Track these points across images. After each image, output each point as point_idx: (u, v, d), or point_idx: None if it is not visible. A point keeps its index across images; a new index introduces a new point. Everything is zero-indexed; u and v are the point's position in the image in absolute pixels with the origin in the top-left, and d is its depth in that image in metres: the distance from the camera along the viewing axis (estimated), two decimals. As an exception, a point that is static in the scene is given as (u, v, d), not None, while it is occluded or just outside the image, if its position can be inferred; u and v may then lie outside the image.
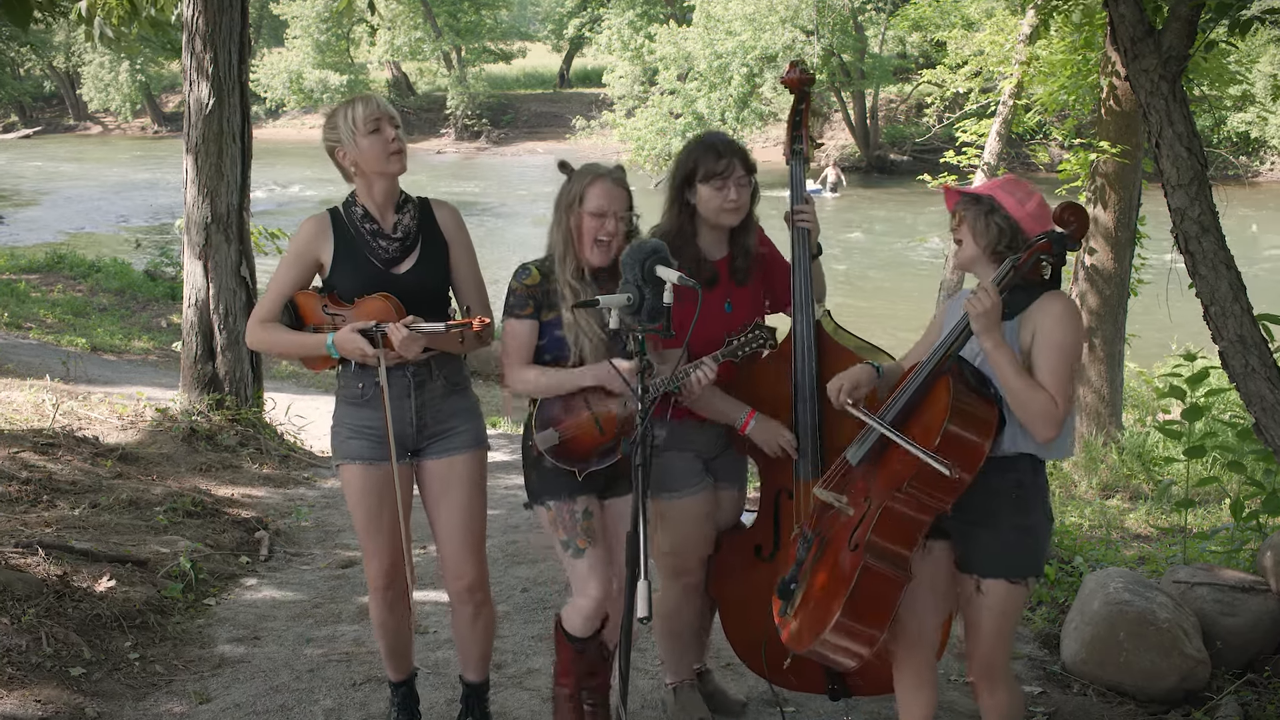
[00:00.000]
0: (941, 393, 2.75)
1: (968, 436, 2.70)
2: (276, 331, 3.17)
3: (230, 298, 6.85)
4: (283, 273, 3.20)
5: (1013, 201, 2.80)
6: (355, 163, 3.12)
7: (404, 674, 3.48)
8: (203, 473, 6.24)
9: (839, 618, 2.74)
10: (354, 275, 3.14)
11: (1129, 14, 3.93)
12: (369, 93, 3.20)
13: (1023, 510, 2.83)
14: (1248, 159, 28.00)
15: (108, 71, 42.52)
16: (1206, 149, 4.12)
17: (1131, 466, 8.66)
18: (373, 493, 3.20)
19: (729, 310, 3.38)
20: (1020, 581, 2.85)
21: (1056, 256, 2.78)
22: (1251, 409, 3.96)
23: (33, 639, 3.81)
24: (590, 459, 3.09)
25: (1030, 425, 2.73)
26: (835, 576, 2.83)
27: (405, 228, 3.18)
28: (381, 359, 3.04)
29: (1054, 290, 2.84)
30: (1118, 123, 8.86)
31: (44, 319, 12.13)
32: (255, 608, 4.62)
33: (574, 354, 3.10)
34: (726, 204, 3.30)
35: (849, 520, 2.86)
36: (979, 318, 2.71)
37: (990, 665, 2.91)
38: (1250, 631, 4.07)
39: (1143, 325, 11.48)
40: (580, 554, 3.10)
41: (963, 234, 2.85)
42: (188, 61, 6.79)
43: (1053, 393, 2.70)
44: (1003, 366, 2.71)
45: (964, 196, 2.86)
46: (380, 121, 3.09)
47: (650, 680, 3.92)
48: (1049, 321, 2.76)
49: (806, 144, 3.45)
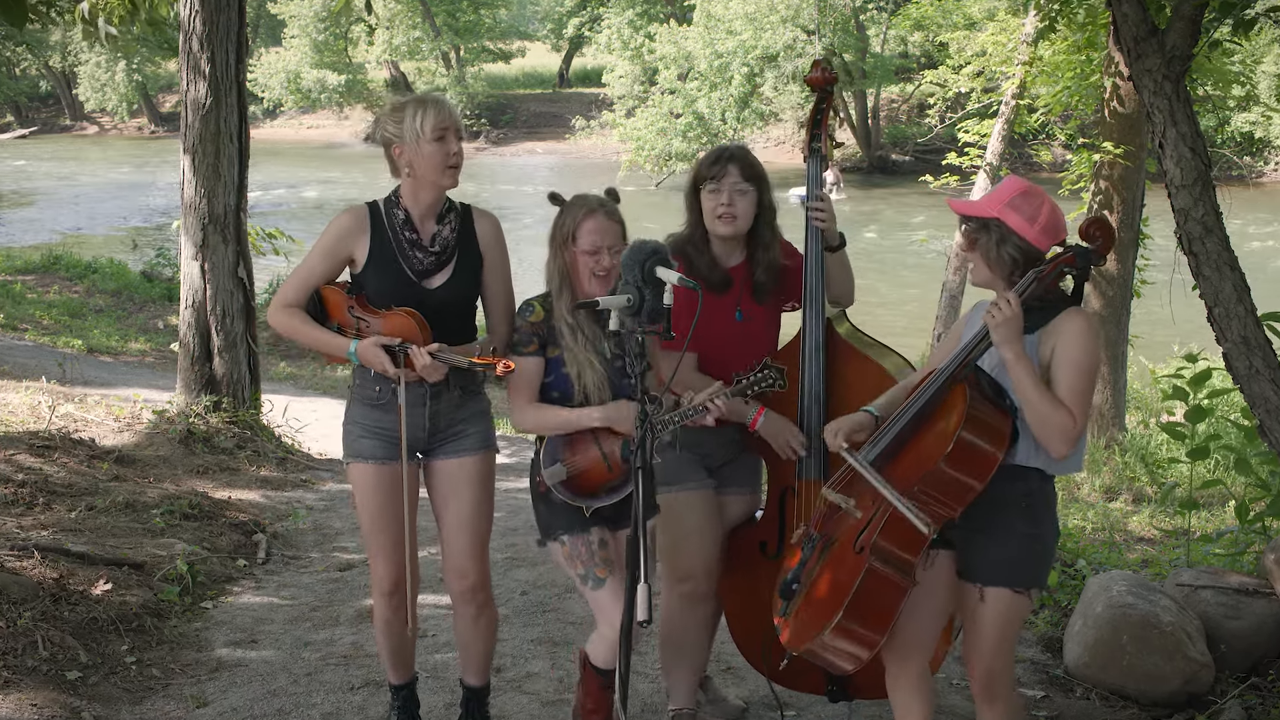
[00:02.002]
0: (958, 400, 2.73)
1: (981, 445, 2.68)
2: (300, 320, 3.15)
3: (228, 299, 6.82)
4: (313, 262, 3.18)
5: (1021, 221, 2.73)
6: (411, 164, 3.09)
7: (405, 677, 3.46)
8: (200, 475, 6.22)
9: (840, 620, 2.72)
10: (385, 281, 3.13)
11: (1132, 13, 3.91)
12: (442, 97, 3.18)
13: (1030, 520, 2.81)
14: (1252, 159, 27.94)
15: (104, 71, 42.41)
16: (1210, 149, 4.11)
17: (1135, 469, 8.64)
18: (381, 492, 3.19)
19: (740, 319, 3.36)
20: (1023, 591, 2.82)
21: (1080, 270, 2.76)
22: (1256, 411, 3.95)
23: (28, 642, 3.79)
24: (598, 495, 3.07)
25: (1046, 440, 2.70)
26: (839, 578, 2.81)
27: (444, 240, 3.16)
28: (402, 379, 3.04)
29: (1075, 307, 2.81)
30: (1121, 123, 8.84)
31: (40, 320, 12.10)
32: (253, 611, 4.60)
33: (577, 389, 3.07)
34: (718, 209, 3.29)
35: (856, 523, 2.83)
36: (999, 328, 2.68)
37: (991, 676, 2.88)
38: (1254, 635, 4.05)
39: (1146, 327, 11.45)
40: (600, 584, 3.07)
41: (974, 258, 2.82)
42: (185, 61, 6.77)
43: (1071, 409, 2.68)
44: (1023, 379, 2.68)
45: (972, 220, 2.79)
46: (447, 132, 3.07)
47: (650, 684, 3.90)
48: (1070, 338, 2.73)
49: (826, 143, 3.44)
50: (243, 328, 6.89)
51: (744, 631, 3.59)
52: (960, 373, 2.77)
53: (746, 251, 3.40)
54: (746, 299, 3.38)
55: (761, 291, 3.39)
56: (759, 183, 3.34)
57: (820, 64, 3.45)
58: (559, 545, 3.11)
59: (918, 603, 2.84)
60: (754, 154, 3.45)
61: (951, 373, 2.77)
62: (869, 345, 3.45)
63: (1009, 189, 2.81)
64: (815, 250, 3.35)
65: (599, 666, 3.14)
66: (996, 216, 2.75)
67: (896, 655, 2.93)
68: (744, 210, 3.31)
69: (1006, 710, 2.91)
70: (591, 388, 3.06)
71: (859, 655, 2.77)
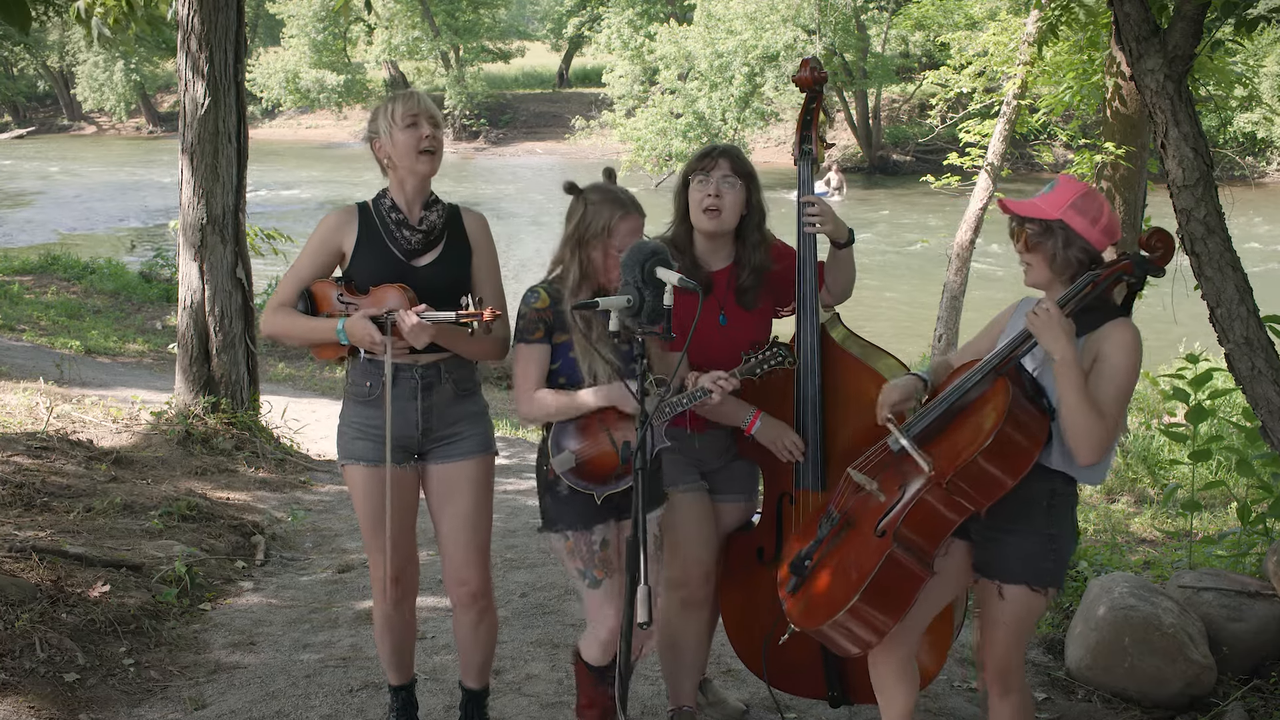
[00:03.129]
0: (1000, 394, 2.72)
1: (1020, 441, 2.68)
2: (290, 317, 3.16)
3: (226, 300, 6.80)
4: (302, 261, 3.21)
5: (1085, 223, 2.72)
6: (389, 156, 3.14)
7: (405, 678, 3.45)
8: (198, 476, 6.20)
9: (857, 601, 2.72)
10: (374, 262, 3.14)
11: (1134, 13, 3.90)
12: (414, 90, 3.21)
13: (1052, 520, 2.81)
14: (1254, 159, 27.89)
15: (102, 71, 42.35)
16: (1212, 150, 4.09)
17: (1137, 470, 8.62)
18: (378, 493, 3.17)
19: (724, 323, 3.33)
20: (1041, 590, 2.82)
21: (1137, 280, 2.75)
22: (1258, 412, 3.94)
23: (26, 644, 3.78)
24: (608, 481, 3.03)
25: (1079, 447, 2.69)
26: (859, 560, 2.80)
27: (431, 223, 3.19)
28: (388, 345, 3.02)
29: (1125, 317, 2.78)
30: (1123, 123, 8.80)
31: (38, 321, 12.07)
32: (251, 613, 4.59)
33: (587, 377, 3.04)
34: (706, 200, 3.25)
35: (879, 505, 2.83)
36: (1045, 331, 2.66)
37: (1005, 670, 2.90)
38: (1257, 637, 4.05)
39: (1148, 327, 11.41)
40: (597, 584, 3.06)
41: (1033, 260, 2.79)
42: (183, 61, 6.74)
43: (1109, 419, 2.67)
44: (1070, 383, 2.66)
45: (1035, 224, 2.76)
46: (418, 118, 3.11)
47: (650, 685, 3.88)
48: (1116, 350, 2.71)
49: (816, 144, 3.40)
50: (241, 328, 6.87)
51: (743, 638, 3.57)
52: (1004, 367, 2.76)
53: (734, 254, 3.37)
54: (731, 303, 3.34)
55: (746, 296, 3.35)
56: (749, 180, 3.30)
57: (809, 63, 3.40)
58: (562, 539, 3.08)
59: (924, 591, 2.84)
60: (748, 156, 3.43)
61: (996, 366, 2.77)
62: (864, 349, 3.42)
63: (1069, 190, 2.78)
64: (809, 255, 3.31)
65: (590, 663, 3.13)
66: (1060, 219, 2.73)
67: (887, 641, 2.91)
68: (731, 203, 3.26)
69: (1020, 703, 2.93)
70: (602, 375, 3.02)
71: (869, 640, 2.78)
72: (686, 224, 3.34)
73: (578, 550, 3.06)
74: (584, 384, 3.04)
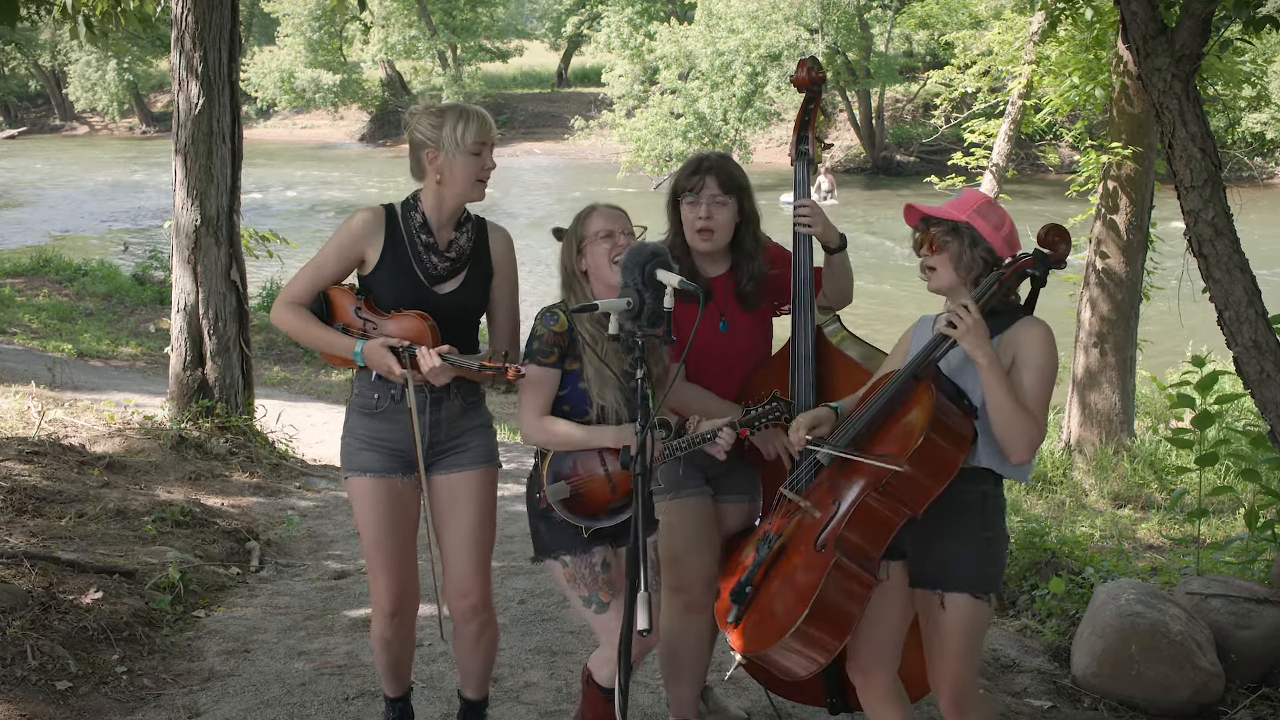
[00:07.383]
0: (923, 398, 2.73)
1: (945, 446, 2.70)
2: (305, 319, 3.08)
3: (220, 302, 6.75)
4: (326, 260, 3.12)
5: (989, 228, 2.80)
6: (442, 172, 3.05)
7: (401, 690, 3.41)
8: (192, 482, 6.15)
9: (803, 621, 2.69)
10: (396, 283, 3.07)
11: (1141, 11, 3.86)
12: (485, 112, 3.13)
13: (985, 523, 2.81)
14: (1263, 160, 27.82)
15: (94, 70, 42.23)
16: (1220, 150, 4.06)
17: (1143, 475, 8.57)
18: (382, 507, 3.12)
19: (724, 329, 3.32)
20: (984, 596, 2.81)
21: (1039, 275, 2.81)
22: (1267, 416, 3.90)
23: (17, 652, 3.75)
24: (599, 516, 2.99)
25: (1010, 445, 2.72)
26: (801, 579, 2.77)
27: (459, 248, 3.12)
28: (410, 380, 2.97)
29: (1031, 315, 2.85)
30: (1130, 123, 8.74)
31: (29, 324, 12.01)
32: (246, 620, 4.54)
33: (595, 407, 3.00)
34: (697, 223, 3.25)
35: (814, 522, 2.81)
36: (966, 335, 2.69)
37: (959, 689, 2.83)
38: (1265, 644, 4.02)
39: (1156, 331, 11.38)
40: (605, 608, 3.02)
41: (939, 262, 2.84)
42: (176, 60, 6.69)
43: (1035, 415, 2.71)
44: (995, 384, 2.69)
45: (942, 224, 2.83)
46: (485, 147, 3.05)
47: (651, 695, 3.85)
48: (1031, 346, 2.77)
49: (813, 146, 3.38)
50: (235, 332, 6.82)
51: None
52: (923, 371, 2.78)
53: (730, 261, 3.36)
54: (732, 309, 3.34)
55: (747, 301, 3.35)
56: (739, 192, 3.29)
57: (806, 63, 3.38)
58: (560, 566, 3.04)
59: (875, 615, 2.83)
60: (735, 162, 3.41)
61: (915, 371, 2.78)
62: (860, 350, 3.40)
63: (974, 198, 2.89)
64: (804, 256, 3.30)
65: (603, 685, 3.07)
66: (967, 220, 2.80)
67: (860, 669, 2.92)
68: (723, 223, 3.27)
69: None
70: (610, 404, 2.98)
71: (817, 659, 2.74)
72: (681, 236, 3.34)
73: (578, 575, 3.01)
74: (590, 412, 2.99)
